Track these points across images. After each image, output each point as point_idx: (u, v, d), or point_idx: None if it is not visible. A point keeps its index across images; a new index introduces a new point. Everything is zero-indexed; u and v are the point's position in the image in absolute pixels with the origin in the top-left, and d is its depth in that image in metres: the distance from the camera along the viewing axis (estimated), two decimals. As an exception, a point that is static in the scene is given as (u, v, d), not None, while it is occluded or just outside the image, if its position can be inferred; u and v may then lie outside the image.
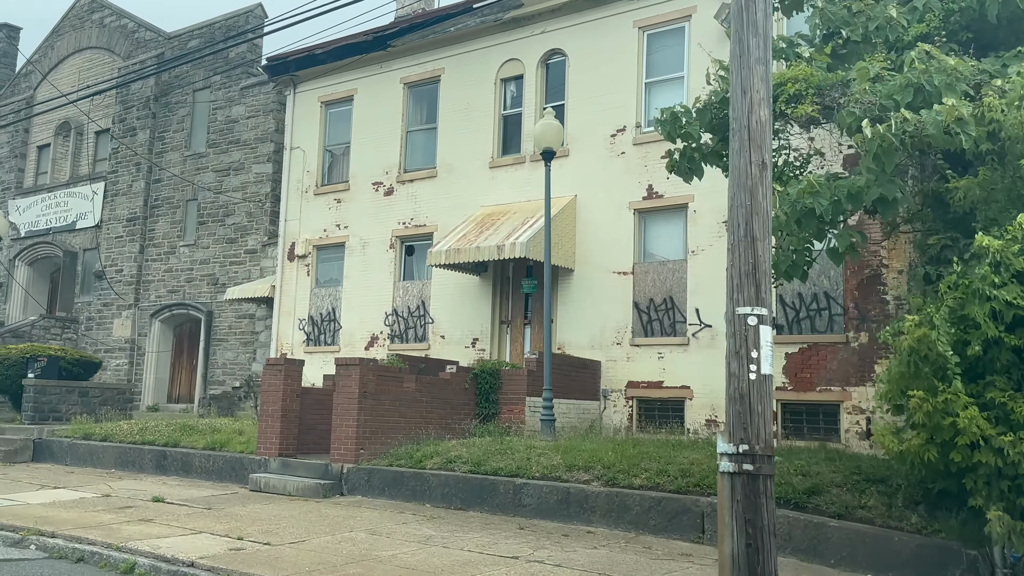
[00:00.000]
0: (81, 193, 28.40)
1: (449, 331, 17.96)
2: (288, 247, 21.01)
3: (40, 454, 16.01)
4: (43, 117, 29.84)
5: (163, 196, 26.35)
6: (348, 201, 20.13)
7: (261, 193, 23.94)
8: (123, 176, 27.25)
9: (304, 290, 20.57)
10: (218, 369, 23.90)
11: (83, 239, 28.10)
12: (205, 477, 13.52)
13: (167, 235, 25.98)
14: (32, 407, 17.24)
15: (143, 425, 15.59)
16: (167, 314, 25.39)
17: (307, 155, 21.09)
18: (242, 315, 23.68)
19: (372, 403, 12.17)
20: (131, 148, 27.21)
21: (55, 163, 29.97)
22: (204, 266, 24.82)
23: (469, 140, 18.32)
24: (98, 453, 15.14)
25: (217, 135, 25.24)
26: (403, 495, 11.32)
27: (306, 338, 20.29)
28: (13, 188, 30.93)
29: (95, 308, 27.15)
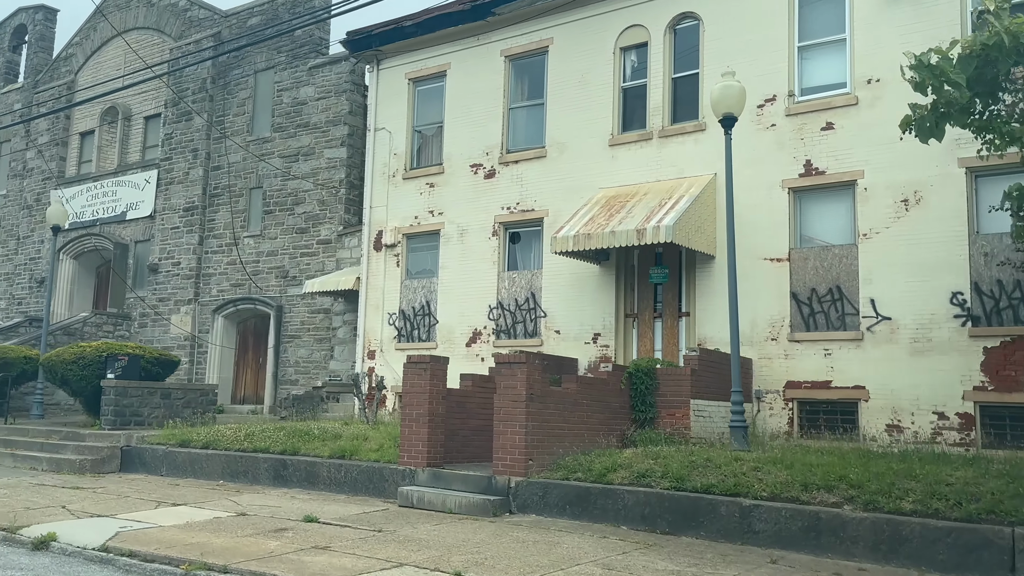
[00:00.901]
0: (132, 182, 26.86)
1: (565, 326, 16.40)
2: (374, 236, 19.44)
3: (130, 463, 14.49)
4: (86, 102, 28.30)
5: (223, 184, 24.80)
6: (442, 185, 18.56)
7: (335, 179, 22.37)
8: (178, 163, 25.69)
9: (393, 282, 19.01)
10: (290, 368, 22.37)
11: (135, 230, 26.57)
12: (336, 489, 11.97)
13: (229, 225, 24.44)
14: (112, 411, 15.71)
15: (248, 430, 14.05)
16: (231, 309, 23.85)
17: (393, 137, 19.51)
18: (316, 310, 22.13)
19: (539, 407, 10.62)
20: (187, 134, 25.66)
21: (101, 151, 28.43)
22: (272, 258, 23.27)
23: (583, 116, 16.74)
24: (201, 462, 13.60)
25: (283, 119, 23.67)
26: (590, 515, 9.77)
27: (397, 334, 18.74)
28: (55, 177, 29.41)
29: (149, 303, 25.63)
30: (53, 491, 12.10)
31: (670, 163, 15.57)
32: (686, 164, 15.39)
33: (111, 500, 11.34)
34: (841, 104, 14.04)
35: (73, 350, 16.71)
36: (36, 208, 29.76)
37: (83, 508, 10.64)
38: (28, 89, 31.66)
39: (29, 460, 14.90)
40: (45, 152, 29.95)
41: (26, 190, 30.27)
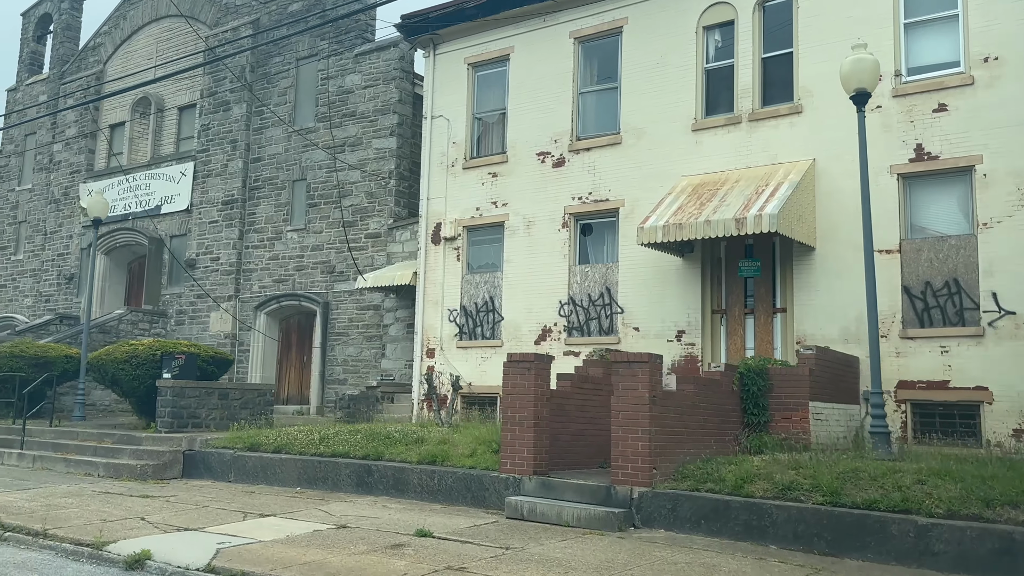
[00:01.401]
0: (166, 174, 25.99)
1: (645, 322, 15.49)
2: (432, 229, 18.54)
3: (193, 468, 13.61)
4: (115, 93, 27.39)
5: (264, 176, 23.92)
6: (506, 175, 17.66)
7: (384, 170, 21.48)
8: (216, 155, 24.82)
9: (454, 277, 18.11)
10: (337, 367, 21.50)
11: (170, 224, 25.71)
12: (428, 498, 11.08)
13: (271, 219, 23.56)
14: (169, 412, 14.84)
15: (321, 433, 13.15)
16: (274, 306, 22.98)
17: (452, 124, 18.60)
18: (365, 306, 21.25)
19: (660, 410, 9.72)
20: (225, 124, 24.79)
21: (132, 143, 27.57)
22: (317, 253, 22.40)
23: (662, 100, 15.83)
24: (274, 468, 12.71)
25: (328, 108, 22.79)
26: (730, 532, 8.84)
27: (458, 331, 17.84)
28: (84, 171, 28.57)
29: (187, 300, 24.77)
30: (122, 500, 11.22)
31: (761, 148, 14.65)
32: (780, 149, 14.46)
33: (190, 510, 10.46)
34: (955, 84, 13.10)
35: (124, 348, 15.84)
36: (64, 202, 28.93)
37: (164, 520, 9.75)
38: (54, 80, 30.83)
39: (83, 465, 14.03)
40: (73, 145, 29.11)
41: (53, 184, 29.44)
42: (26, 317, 29.51)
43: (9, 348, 18.38)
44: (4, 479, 13.20)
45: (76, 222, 28.33)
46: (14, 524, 9.42)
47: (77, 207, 28.37)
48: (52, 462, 14.53)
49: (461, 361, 17.63)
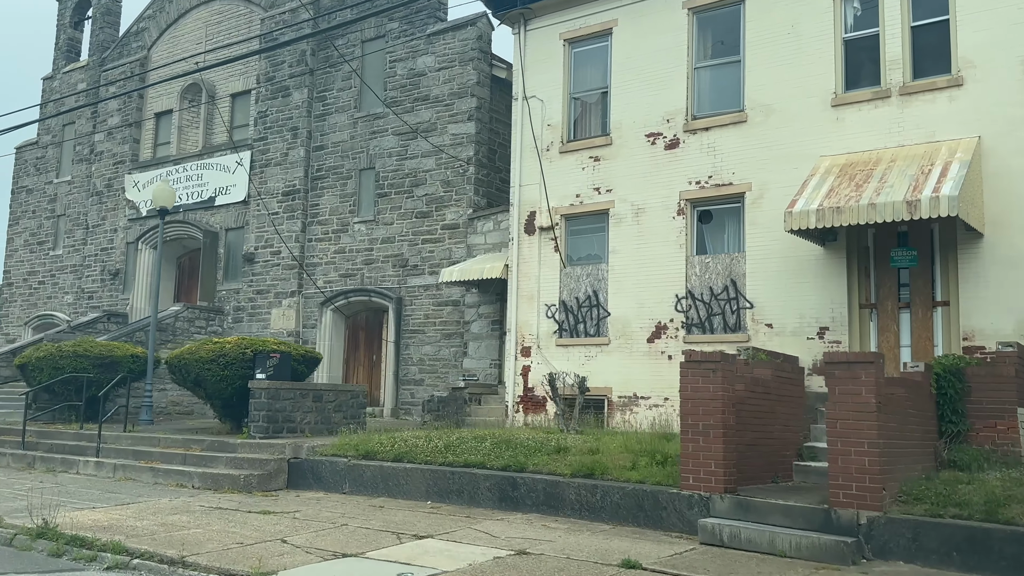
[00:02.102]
0: (220, 164, 24.72)
1: (779, 318, 14.15)
2: (525, 218, 17.22)
3: (301, 479, 12.32)
4: (162, 80, 26.09)
5: (328, 165, 22.62)
6: (610, 158, 16.33)
7: (461, 157, 20.17)
8: (275, 143, 23.54)
9: (551, 270, 16.79)
10: (412, 366, 20.20)
11: (225, 217, 24.44)
12: (589, 516, 9.75)
13: (336, 210, 22.27)
14: (264, 416, 13.55)
15: (446, 440, 11.83)
16: (341, 302, 21.69)
17: (546, 106, 17.26)
18: (443, 301, 19.95)
19: (885, 420, 8.39)
20: (284, 111, 23.50)
21: (182, 131, 26.30)
22: (387, 245, 21.09)
23: (794, 74, 14.47)
24: (397, 478, 11.41)
25: (398, 92, 21.47)
26: (993, 567, 7.48)
27: (557, 328, 16.51)
28: (128, 161, 27.31)
29: (245, 296, 23.50)
30: (241, 517, 9.94)
31: (915, 125, 13.28)
32: (937, 126, 13.09)
33: (329, 530, 9.16)
34: None
35: (209, 347, 14.54)
36: (107, 194, 27.69)
37: (310, 543, 8.45)
38: (94, 67, 29.58)
39: (174, 476, 12.75)
40: (116, 134, 27.85)
41: (95, 175, 28.19)
42: (67, 315, 28.32)
43: (72, 347, 17.12)
44: (91, 491, 11.94)
45: (121, 215, 27.09)
46: (141, 549, 8.14)
47: (122, 199, 27.14)
48: (136, 472, 13.25)
49: (561, 360, 16.30)
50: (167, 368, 15.34)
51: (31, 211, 30.66)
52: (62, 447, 15.16)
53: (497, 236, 19.13)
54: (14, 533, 9.10)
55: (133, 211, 26.65)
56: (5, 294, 30.98)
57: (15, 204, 31.44)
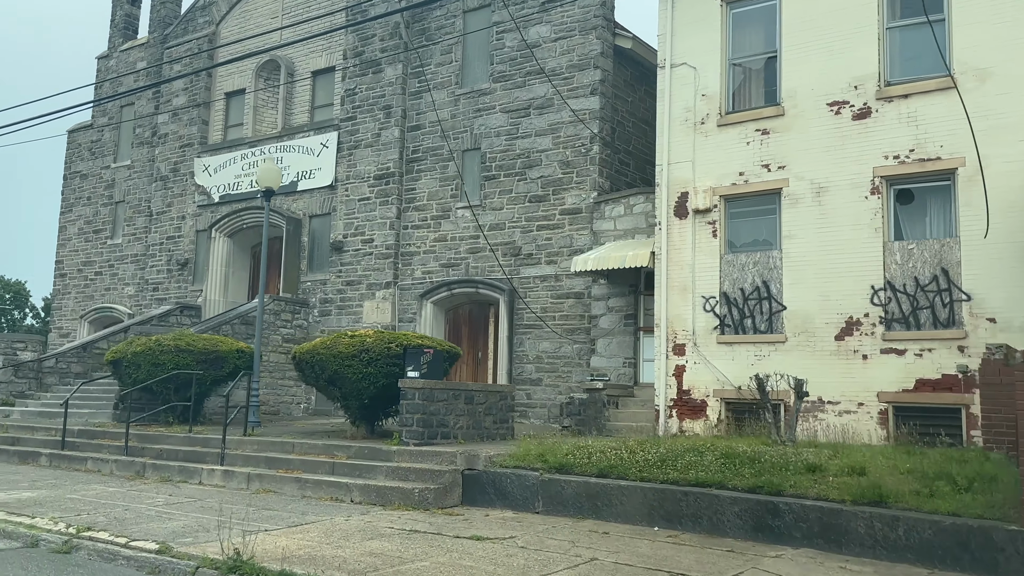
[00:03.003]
0: (303, 147, 23.01)
1: (1004, 312, 12.33)
2: (674, 200, 15.43)
3: (479, 493, 10.56)
4: (236, 57, 24.39)
5: (426, 146, 20.88)
6: (782, 131, 14.54)
7: (583, 136, 18.40)
8: (365, 123, 21.81)
9: (708, 257, 15.00)
10: (528, 364, 18.44)
11: (309, 203, 22.71)
12: (890, 555, 7.93)
13: (435, 195, 20.53)
14: (419, 420, 11.80)
15: (656, 451, 10.06)
16: (443, 294, 19.94)
17: (700, 74, 15.48)
18: (563, 293, 18.19)
19: None
20: (375, 88, 21.76)
21: (257, 112, 24.60)
22: (497, 233, 19.33)
23: (1015, 32, 12.69)
24: (607, 497, 9.64)
25: (507, 65, 19.72)
26: None
27: (718, 323, 14.73)
28: (196, 144, 25.63)
29: (333, 287, 21.78)
30: (451, 543, 8.18)
31: None
32: None
33: (584, 566, 7.39)
34: None
35: (347, 341, 12.78)
36: (173, 179, 26.01)
37: (587, 588, 6.71)
38: (155, 45, 27.92)
39: (326, 488, 11.02)
40: (182, 115, 26.17)
41: (158, 159, 26.52)
42: (128, 307, 26.68)
43: (173, 341, 15.40)
44: (235, 507, 10.21)
45: (189, 201, 25.41)
46: (383, 594, 6.40)
47: (190, 184, 25.46)
48: (276, 483, 11.52)
49: (724, 359, 14.53)
50: (294, 364, 13.59)
51: (86, 197, 29.02)
52: (173, 453, 13.45)
53: (629, 221, 17.37)
54: (195, 566, 7.42)
55: (203, 197, 24.96)
56: (58, 285, 29.36)
57: (68, 190, 29.81)
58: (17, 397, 19.53)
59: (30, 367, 19.89)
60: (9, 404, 19.26)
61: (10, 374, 19.65)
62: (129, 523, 9.14)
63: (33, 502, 10.47)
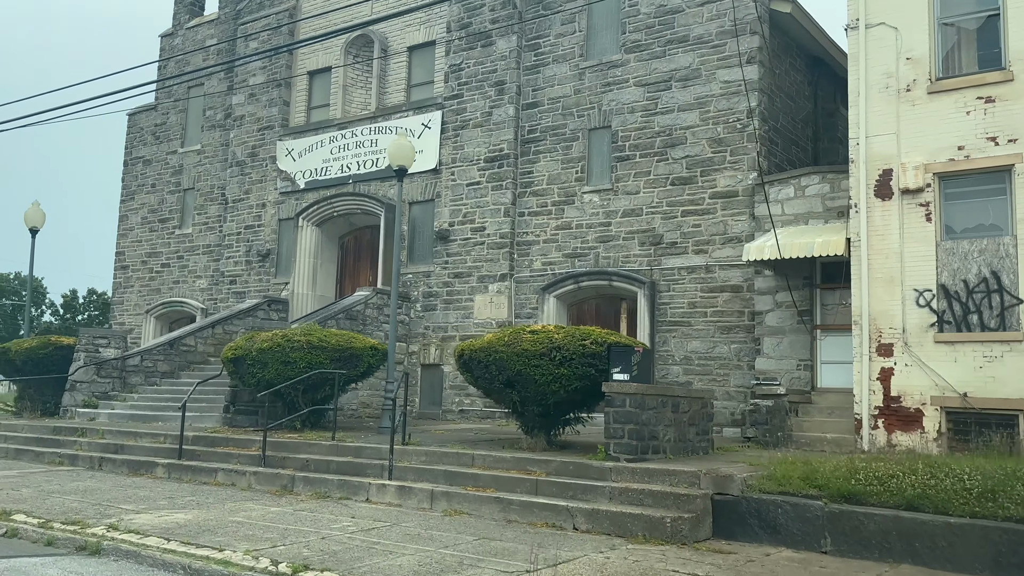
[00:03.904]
0: (401, 127, 21.15)
1: None
2: (874, 179, 13.47)
3: (736, 524, 8.66)
4: (326, 35, 22.54)
5: (545, 125, 19.01)
6: (1012, 99, 12.56)
7: (737, 110, 16.50)
8: (474, 101, 19.95)
9: (921, 244, 13.03)
10: (675, 366, 16.53)
11: (409, 188, 20.82)
12: None
13: (557, 178, 18.65)
14: (632, 431, 9.91)
15: (973, 478, 8.11)
16: (569, 286, 18.04)
17: (901, 34, 13.53)
18: (718, 286, 16.27)
19: None
20: (484, 63, 19.90)
21: (346, 91, 22.77)
22: (632, 219, 17.44)
23: None
24: (928, 537, 7.71)
25: (642, 34, 17.83)
26: None
27: (936, 320, 12.76)
28: (277, 126, 23.83)
29: (438, 280, 19.92)
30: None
31: None
32: None
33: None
34: None
35: (530, 337, 10.89)
36: (251, 164, 24.22)
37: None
38: (226, 21, 26.16)
39: (537, 511, 9.14)
40: (261, 96, 24.38)
41: (233, 143, 24.73)
42: (200, 301, 24.91)
43: (303, 337, 13.54)
44: (443, 534, 8.33)
45: (270, 187, 23.60)
46: None
47: (271, 169, 23.66)
48: (467, 503, 9.64)
49: (943, 362, 12.57)
50: (461, 363, 11.69)
51: (150, 185, 27.26)
52: (322, 464, 11.60)
53: (801, 205, 15.43)
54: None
55: (286, 183, 23.15)
56: (119, 278, 27.61)
57: (129, 177, 28.06)
58: (100, 398, 17.75)
59: (113, 365, 18.10)
60: (92, 405, 17.47)
61: (92, 373, 17.86)
62: (346, 559, 7.29)
63: (195, 527, 8.63)
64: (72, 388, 17.71)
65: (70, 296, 71.60)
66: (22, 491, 10.97)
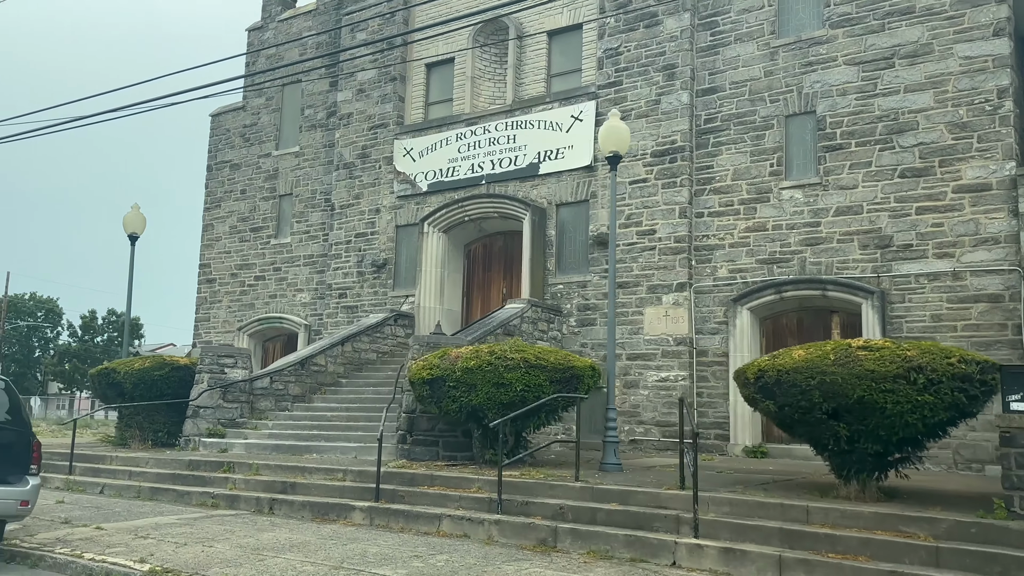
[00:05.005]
0: (544, 121, 18.84)
1: None
2: None
3: None
4: (432, 21, 20.32)
5: (727, 113, 16.64)
6: None
7: (984, 89, 14.06)
8: (636, 88, 17.61)
9: None
10: (913, 389, 13.92)
11: (556, 189, 18.49)
12: None
13: (746, 173, 16.24)
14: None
15: None
16: (768, 297, 15.55)
17: None
18: (970, 296, 13.74)
19: None
20: (649, 45, 17.59)
21: (475, 83, 20.49)
22: (849, 218, 14.98)
23: None
24: None
25: (852, 6, 15.47)
26: None
27: None
28: (392, 124, 21.57)
29: (595, 291, 17.48)
30: None
31: None
32: None
33: None
34: None
35: (874, 355, 8.37)
36: (361, 167, 21.94)
37: None
38: (326, 12, 24.05)
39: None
40: (371, 92, 22.14)
41: (340, 143, 22.47)
42: (303, 317, 22.59)
43: (516, 354, 11.06)
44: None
45: (384, 191, 21.29)
46: None
47: (384, 172, 21.37)
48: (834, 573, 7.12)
49: None
50: (756, 387, 9.20)
51: (239, 191, 25.04)
52: (584, 513, 9.13)
53: (1082, 198, 12.94)
54: None
55: (405, 186, 20.84)
56: (203, 293, 25.33)
57: (214, 183, 25.86)
58: (227, 426, 15.33)
59: (241, 388, 15.71)
60: (218, 435, 15.05)
61: (217, 397, 15.47)
62: None
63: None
64: (195, 415, 15.31)
65: (89, 317, 69.52)
66: (216, 547, 8.54)
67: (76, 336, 69.96)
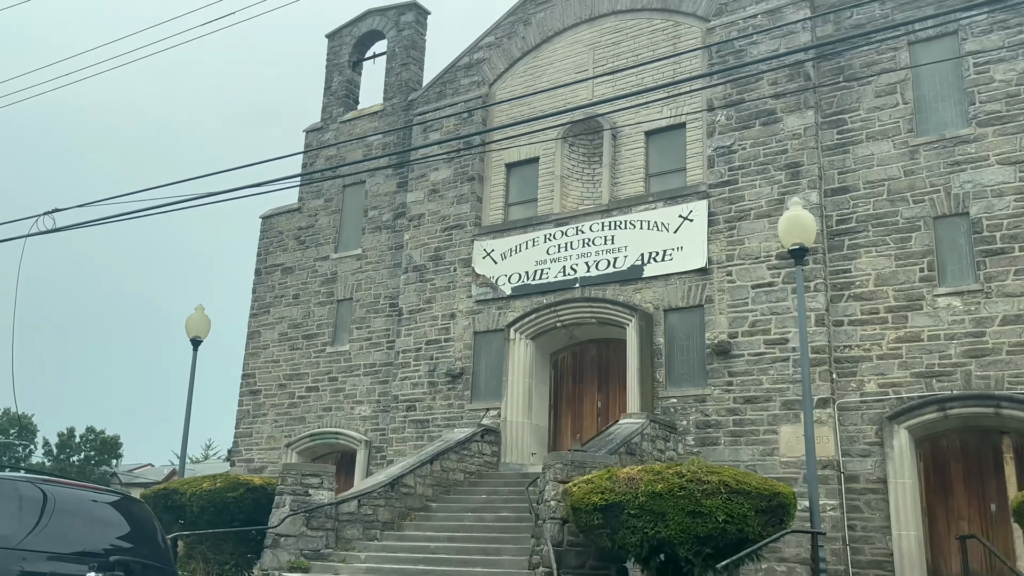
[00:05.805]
0: (649, 221, 17.52)
1: None
2: None
3: None
4: (511, 121, 19.34)
5: (863, 214, 15.38)
6: None
7: None
8: (755, 187, 16.41)
9: None
10: (1124, 525, 12.06)
11: (663, 293, 16.97)
12: None
13: (892, 278, 14.82)
14: None
15: None
16: (931, 415, 13.81)
17: None
18: None
19: None
20: (768, 143, 16.51)
21: (563, 182, 19.29)
22: (1018, 328, 13.46)
23: None
24: None
25: (1001, 104, 14.53)
26: None
27: None
28: (469, 225, 20.23)
29: (718, 406, 15.70)
30: None
31: None
32: None
33: None
34: None
35: None
36: (433, 269, 20.45)
37: None
38: (394, 112, 23.14)
39: None
40: (445, 193, 20.93)
41: (410, 245, 21.05)
42: (362, 432, 20.56)
43: (713, 477, 9.17)
44: None
45: (460, 295, 19.72)
46: None
47: (459, 275, 19.87)
48: None
49: None
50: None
51: (291, 295, 23.42)
52: None
53: None
54: None
55: (485, 289, 19.30)
56: (246, 405, 23.27)
57: (263, 288, 24.26)
58: (311, 558, 13.14)
59: (327, 514, 13.59)
60: (302, 568, 12.84)
61: (300, 524, 13.32)
62: None
63: None
64: (274, 544, 13.13)
65: (66, 435, 65.85)
66: None
67: (51, 455, 66.00)
